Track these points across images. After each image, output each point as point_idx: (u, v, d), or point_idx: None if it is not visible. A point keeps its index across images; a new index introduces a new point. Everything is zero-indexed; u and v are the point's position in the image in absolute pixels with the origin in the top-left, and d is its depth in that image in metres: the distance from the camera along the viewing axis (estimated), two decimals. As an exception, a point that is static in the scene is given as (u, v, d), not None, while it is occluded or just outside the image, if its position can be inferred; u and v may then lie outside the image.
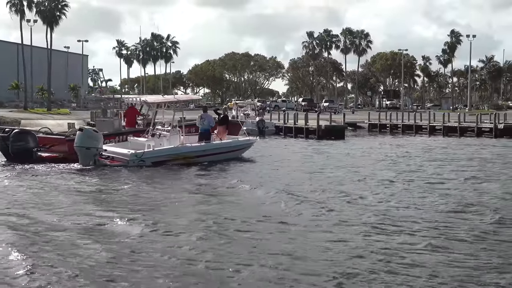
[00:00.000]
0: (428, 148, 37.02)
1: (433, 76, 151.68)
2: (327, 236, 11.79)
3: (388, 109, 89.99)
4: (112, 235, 11.82)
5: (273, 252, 10.51)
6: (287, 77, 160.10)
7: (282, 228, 12.54)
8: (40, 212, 14.13)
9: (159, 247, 10.81)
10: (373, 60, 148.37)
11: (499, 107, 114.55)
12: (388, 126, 59.44)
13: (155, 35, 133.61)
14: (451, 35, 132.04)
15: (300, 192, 17.30)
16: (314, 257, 10.25)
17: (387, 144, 41.56)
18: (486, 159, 29.37)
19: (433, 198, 16.47)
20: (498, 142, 43.41)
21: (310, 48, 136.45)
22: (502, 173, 22.92)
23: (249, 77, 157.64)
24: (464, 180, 20.57)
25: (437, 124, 55.11)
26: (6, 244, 10.90)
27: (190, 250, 10.66)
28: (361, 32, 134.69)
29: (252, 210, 14.72)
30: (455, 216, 13.82)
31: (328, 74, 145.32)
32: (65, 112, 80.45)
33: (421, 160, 28.52)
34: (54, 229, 12.33)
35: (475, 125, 51.34)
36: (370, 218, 13.52)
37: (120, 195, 17.14)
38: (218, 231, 12.18)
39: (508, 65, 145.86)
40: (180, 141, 25.05)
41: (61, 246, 10.87)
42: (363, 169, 24.41)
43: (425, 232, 12.13)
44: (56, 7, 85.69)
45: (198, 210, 14.62)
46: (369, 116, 63.49)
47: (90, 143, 22.96)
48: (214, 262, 9.87)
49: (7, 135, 24.64)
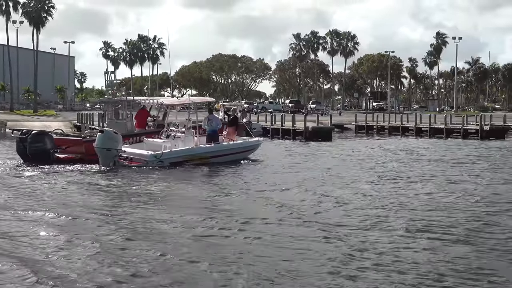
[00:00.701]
0: (413, 149, 37.17)
1: (420, 78, 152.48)
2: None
3: (375, 111, 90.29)
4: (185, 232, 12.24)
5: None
6: (274, 78, 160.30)
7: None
8: (87, 212, 14.43)
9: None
10: (360, 62, 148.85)
11: (485, 108, 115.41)
12: (375, 128, 59.65)
13: (141, 37, 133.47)
14: (437, 37, 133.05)
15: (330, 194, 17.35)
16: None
17: (375, 145, 41.65)
18: (471, 160, 29.58)
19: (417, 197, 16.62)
20: (483, 143, 43.66)
21: (297, 50, 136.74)
22: (484, 174, 23.11)
23: (236, 79, 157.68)
24: (446, 180, 20.77)
25: (424, 125, 55.35)
26: (62, 246, 11.07)
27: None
28: (348, 34, 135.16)
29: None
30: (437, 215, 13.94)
31: (315, 75, 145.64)
32: (51, 113, 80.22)
33: (411, 161, 28.65)
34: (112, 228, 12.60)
35: (461, 126, 51.60)
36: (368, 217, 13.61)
37: (166, 195, 17.60)
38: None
39: (494, 67, 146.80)
40: (194, 142, 25.58)
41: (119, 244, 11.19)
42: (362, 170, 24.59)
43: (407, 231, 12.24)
44: (43, 8, 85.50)
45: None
46: (356, 117, 63.67)
47: (110, 144, 23.44)
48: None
49: (25, 136, 24.81)
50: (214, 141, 26.36)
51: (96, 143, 23.57)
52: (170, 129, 26.23)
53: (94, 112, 57.00)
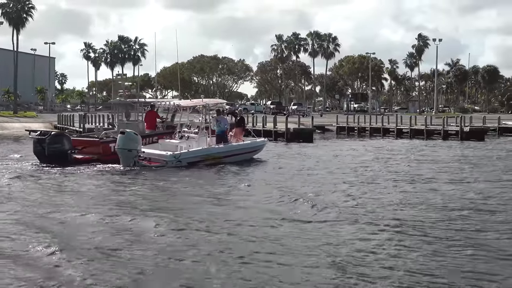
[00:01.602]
0: (393, 150, 37.42)
1: (400, 79, 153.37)
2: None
3: (356, 112, 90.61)
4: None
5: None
6: (256, 80, 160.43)
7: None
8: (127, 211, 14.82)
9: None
10: (341, 63, 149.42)
11: (465, 110, 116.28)
12: (356, 129, 59.81)
13: (122, 38, 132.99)
14: (418, 39, 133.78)
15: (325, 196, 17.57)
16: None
17: (357, 146, 41.83)
18: (447, 160, 29.89)
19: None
20: (462, 144, 44.04)
21: (279, 51, 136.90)
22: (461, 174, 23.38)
23: (217, 80, 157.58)
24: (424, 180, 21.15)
25: (404, 127, 55.62)
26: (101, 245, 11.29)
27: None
28: (329, 35, 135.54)
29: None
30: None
31: (297, 77, 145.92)
32: (31, 115, 79.68)
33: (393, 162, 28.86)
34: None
35: (442, 128, 51.95)
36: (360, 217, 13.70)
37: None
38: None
39: (474, 69, 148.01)
40: (207, 143, 26.52)
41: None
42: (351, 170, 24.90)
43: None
44: (22, 9, 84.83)
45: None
46: (337, 119, 63.80)
47: (131, 145, 24.15)
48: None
49: (43, 137, 25.21)
50: (223, 142, 27.28)
51: (117, 144, 24.28)
52: (182, 130, 27.17)
53: (75, 114, 56.59)
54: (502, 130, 57.94)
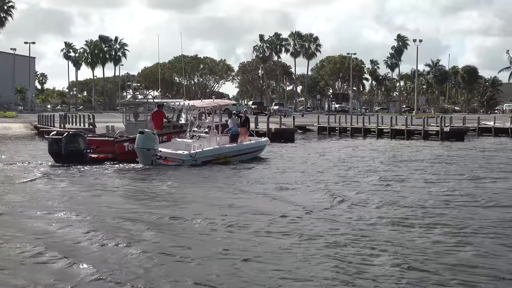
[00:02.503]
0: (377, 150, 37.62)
1: (381, 79, 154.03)
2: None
3: (337, 112, 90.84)
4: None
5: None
6: (237, 80, 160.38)
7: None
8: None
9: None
10: (322, 63, 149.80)
11: (445, 110, 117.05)
12: (337, 129, 59.96)
13: (103, 38, 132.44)
14: (398, 39, 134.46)
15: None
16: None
17: (339, 147, 41.99)
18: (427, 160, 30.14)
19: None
20: (442, 144, 44.38)
21: (261, 52, 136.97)
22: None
23: (199, 80, 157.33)
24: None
25: (385, 127, 55.91)
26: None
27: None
28: (310, 36, 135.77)
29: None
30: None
31: (278, 77, 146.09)
32: (11, 115, 79.02)
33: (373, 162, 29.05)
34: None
35: (422, 128, 52.28)
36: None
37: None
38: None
39: (454, 69, 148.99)
40: (217, 142, 27.72)
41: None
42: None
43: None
44: (2, 8, 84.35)
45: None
46: (319, 119, 63.95)
47: (150, 144, 25.04)
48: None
49: (60, 137, 26.00)
50: (235, 141, 28.93)
51: (136, 143, 25.11)
52: (193, 130, 27.99)
53: (55, 114, 56.23)
54: (481, 130, 58.41)
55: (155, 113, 30.01)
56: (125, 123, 31.01)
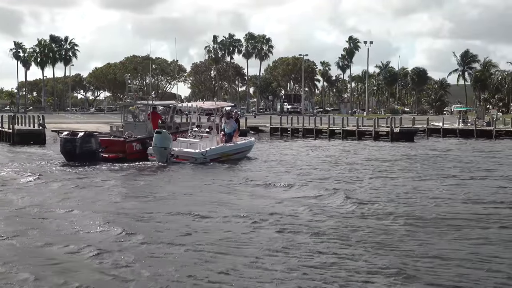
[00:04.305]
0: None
1: (333, 81, 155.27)
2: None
3: (289, 113, 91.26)
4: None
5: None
6: (190, 81, 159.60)
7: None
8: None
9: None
10: (275, 65, 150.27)
11: (395, 111, 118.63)
12: (289, 130, 60.27)
13: (53, 37, 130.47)
14: (349, 41, 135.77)
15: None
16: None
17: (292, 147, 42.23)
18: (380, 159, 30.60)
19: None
20: (392, 144, 45.04)
21: (214, 53, 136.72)
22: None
23: (151, 81, 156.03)
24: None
25: (337, 128, 56.40)
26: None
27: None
28: (263, 37, 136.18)
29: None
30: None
31: (231, 78, 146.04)
32: (-43, 115, 77.15)
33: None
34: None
35: (373, 129, 52.91)
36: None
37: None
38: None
39: (403, 71, 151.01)
40: (217, 142, 29.23)
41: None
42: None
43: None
44: None
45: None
46: (271, 120, 64.18)
47: (166, 143, 26.85)
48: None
49: (73, 137, 27.27)
50: (231, 141, 30.41)
51: (154, 143, 26.85)
52: (193, 130, 29.56)
53: (4, 114, 55.01)
54: (430, 131, 59.52)
55: (150, 114, 31.21)
56: (124, 123, 32.14)
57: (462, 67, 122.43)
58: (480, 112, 72.43)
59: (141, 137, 28.91)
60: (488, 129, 56.56)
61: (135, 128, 30.20)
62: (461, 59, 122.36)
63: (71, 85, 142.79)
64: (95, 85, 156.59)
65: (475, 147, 43.08)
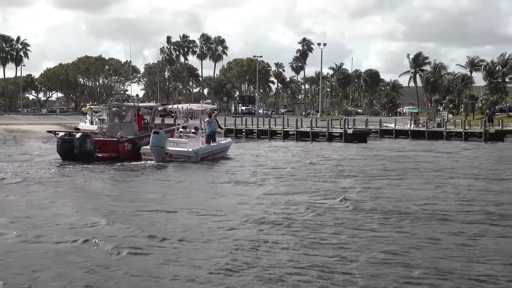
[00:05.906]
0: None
1: (287, 82, 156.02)
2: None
3: (243, 115, 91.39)
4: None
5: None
6: (143, 82, 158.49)
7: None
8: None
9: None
10: (229, 66, 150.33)
11: (348, 112, 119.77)
12: (243, 131, 60.35)
13: (4, 37, 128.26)
14: (302, 43, 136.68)
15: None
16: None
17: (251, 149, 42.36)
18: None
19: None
20: (346, 145, 45.50)
21: (168, 53, 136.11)
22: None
23: (104, 82, 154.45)
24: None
25: (291, 129, 56.70)
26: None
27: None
28: (218, 38, 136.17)
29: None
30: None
31: (185, 79, 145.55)
32: None
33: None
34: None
35: (326, 130, 53.33)
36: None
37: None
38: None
39: (356, 73, 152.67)
40: (202, 142, 30.55)
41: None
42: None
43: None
44: None
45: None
46: (225, 121, 64.13)
47: (163, 143, 28.19)
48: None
49: (71, 138, 28.44)
50: (212, 141, 31.67)
51: (151, 142, 28.10)
52: (180, 131, 30.65)
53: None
54: (383, 132, 60.27)
55: (136, 115, 32.16)
56: (109, 123, 33.18)
57: (414, 69, 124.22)
58: (431, 113, 73.54)
59: (132, 138, 30.13)
60: (439, 130, 57.65)
61: (121, 129, 31.05)
62: (413, 61, 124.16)
63: (23, 86, 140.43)
64: (47, 86, 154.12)
65: (425, 148, 43.83)
